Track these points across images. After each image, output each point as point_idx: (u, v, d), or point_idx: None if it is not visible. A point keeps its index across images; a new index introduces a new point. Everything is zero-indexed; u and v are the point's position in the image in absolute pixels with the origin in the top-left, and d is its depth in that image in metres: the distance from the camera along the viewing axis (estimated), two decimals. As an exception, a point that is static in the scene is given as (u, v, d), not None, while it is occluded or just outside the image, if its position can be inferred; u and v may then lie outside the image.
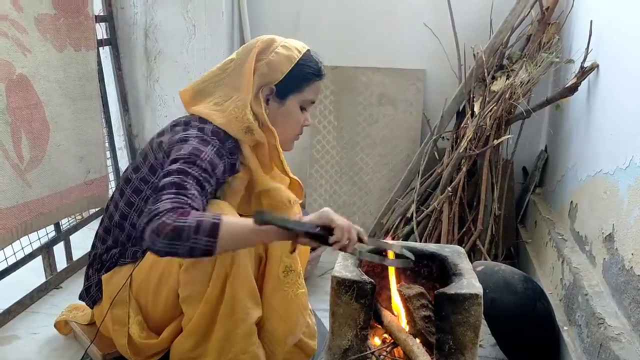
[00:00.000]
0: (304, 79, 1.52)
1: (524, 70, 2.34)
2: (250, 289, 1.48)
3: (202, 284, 1.42)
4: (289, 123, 1.56)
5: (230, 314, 1.45)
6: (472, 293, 1.42)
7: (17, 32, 1.87)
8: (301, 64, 1.51)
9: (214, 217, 1.22)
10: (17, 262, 2.03)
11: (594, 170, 1.87)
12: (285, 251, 1.55)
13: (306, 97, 1.55)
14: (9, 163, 1.84)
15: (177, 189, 1.27)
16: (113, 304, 1.52)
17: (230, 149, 1.48)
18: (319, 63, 1.56)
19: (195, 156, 1.36)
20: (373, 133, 2.89)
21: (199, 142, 1.40)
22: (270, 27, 2.93)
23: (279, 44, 1.51)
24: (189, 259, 1.38)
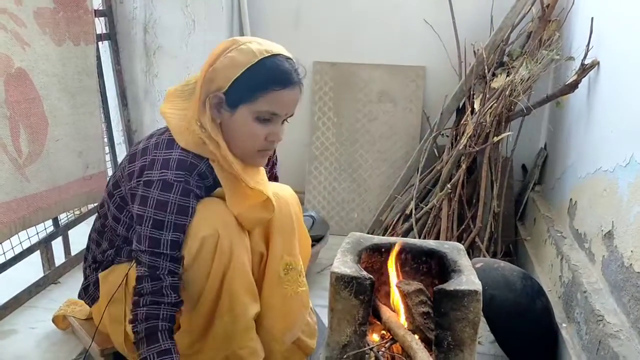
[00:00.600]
0: (256, 87, 1.33)
1: (525, 67, 2.33)
2: (248, 284, 1.47)
3: (200, 281, 1.42)
4: (243, 136, 1.38)
5: (228, 309, 1.44)
6: (471, 289, 1.42)
7: (15, 26, 1.86)
8: (255, 70, 1.32)
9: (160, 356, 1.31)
10: (15, 257, 2.03)
11: (593, 168, 1.87)
12: (287, 249, 1.54)
13: (260, 107, 1.35)
14: (8, 157, 1.83)
15: (152, 282, 1.34)
16: (110, 302, 1.52)
17: (205, 171, 1.41)
18: (285, 72, 1.35)
19: (161, 215, 1.34)
20: (372, 130, 2.88)
21: (161, 189, 1.34)
22: (270, 21, 2.93)
23: (236, 47, 1.33)
24: None
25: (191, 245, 1.38)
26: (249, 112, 1.35)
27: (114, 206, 1.49)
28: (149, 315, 1.33)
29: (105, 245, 1.57)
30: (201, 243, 1.38)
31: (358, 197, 2.91)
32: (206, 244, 1.38)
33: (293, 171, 3.10)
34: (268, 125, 1.38)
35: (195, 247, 1.38)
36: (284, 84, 1.35)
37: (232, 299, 1.44)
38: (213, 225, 1.39)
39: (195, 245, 1.38)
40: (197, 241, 1.38)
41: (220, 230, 1.39)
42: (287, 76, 1.35)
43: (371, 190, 2.90)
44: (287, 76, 1.35)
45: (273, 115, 1.38)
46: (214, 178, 1.44)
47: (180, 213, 1.35)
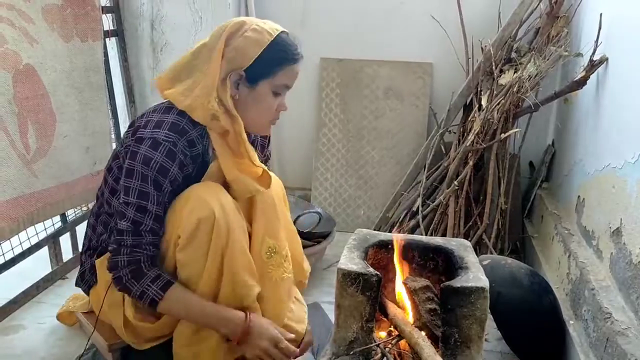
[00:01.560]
0: (276, 63, 1.44)
1: (532, 63, 2.32)
2: (247, 264, 1.47)
3: (199, 262, 1.42)
4: (261, 109, 1.49)
5: (231, 291, 1.44)
6: (478, 286, 1.42)
7: (24, 22, 1.87)
8: (272, 47, 1.43)
9: (157, 294, 1.40)
10: (24, 252, 2.04)
11: (602, 165, 1.86)
12: (269, 232, 1.54)
13: (279, 82, 1.47)
14: (16, 153, 1.84)
15: (133, 236, 1.40)
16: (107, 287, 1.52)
17: (195, 139, 1.45)
18: (293, 46, 1.47)
19: (145, 170, 1.38)
20: (379, 126, 2.88)
21: (149, 146, 1.38)
22: (277, 18, 2.88)
23: (249, 27, 1.43)
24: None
25: (187, 225, 1.39)
26: (268, 87, 1.46)
27: (112, 179, 1.51)
28: (130, 260, 1.41)
29: (100, 229, 1.58)
30: (197, 224, 1.39)
31: (364, 193, 2.91)
32: (202, 225, 1.39)
33: (300, 168, 3.10)
34: (278, 98, 1.50)
35: (191, 228, 1.39)
36: (294, 60, 1.48)
37: (234, 279, 1.44)
38: (209, 207, 1.39)
39: (190, 226, 1.39)
40: (193, 222, 1.39)
41: (216, 211, 1.39)
42: (296, 52, 1.48)
43: (378, 187, 2.89)
44: (296, 52, 1.48)
45: (286, 88, 1.51)
46: (203, 147, 1.48)
47: (161, 172, 1.39)
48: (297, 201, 2.67)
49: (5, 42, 1.79)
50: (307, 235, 2.26)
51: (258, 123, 1.51)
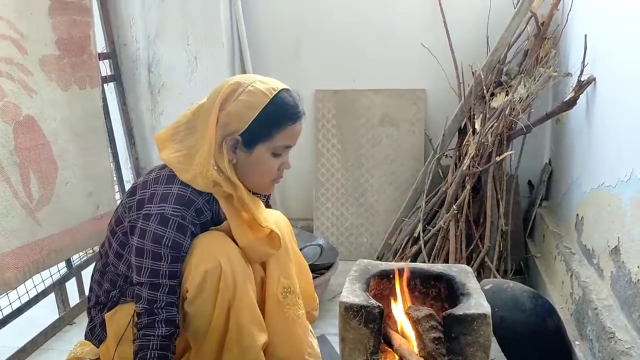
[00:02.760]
0: (272, 125, 1.41)
1: (523, 85, 2.36)
2: (254, 315, 1.48)
3: (206, 315, 1.43)
4: (261, 172, 1.46)
5: (236, 342, 1.45)
6: (480, 313, 1.42)
7: (22, 75, 1.91)
8: (268, 109, 1.38)
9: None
10: (30, 301, 2.06)
11: (597, 183, 1.88)
12: (283, 272, 1.55)
13: (277, 143, 1.42)
14: (19, 203, 1.87)
15: (150, 304, 1.38)
16: (117, 342, 1.53)
17: (202, 207, 1.44)
18: (292, 106, 1.42)
19: (157, 248, 1.37)
20: (377, 154, 2.91)
21: (158, 224, 1.37)
22: (271, 54, 2.98)
23: (244, 89, 1.39)
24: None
25: (194, 278, 1.40)
26: (266, 150, 1.43)
27: (116, 243, 1.51)
28: (141, 346, 1.37)
29: (107, 286, 1.58)
30: (204, 276, 1.40)
31: (366, 221, 2.93)
32: (209, 277, 1.40)
33: (300, 199, 3.12)
34: (280, 158, 1.47)
35: (198, 280, 1.40)
36: (294, 119, 1.43)
37: (239, 331, 1.45)
38: (215, 258, 1.41)
39: (197, 278, 1.40)
40: (200, 274, 1.40)
41: (223, 262, 1.41)
42: (297, 110, 1.44)
43: (379, 214, 2.91)
44: (297, 110, 1.44)
45: (287, 148, 1.47)
46: (211, 214, 1.48)
47: (174, 248, 1.38)
48: (299, 233, 2.68)
49: (4, 95, 1.84)
50: (310, 268, 2.27)
51: (259, 184, 1.50)
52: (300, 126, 1.46)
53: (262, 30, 2.96)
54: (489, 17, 2.65)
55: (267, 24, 2.95)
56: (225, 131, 1.40)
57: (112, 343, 1.56)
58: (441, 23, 2.70)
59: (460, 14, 2.73)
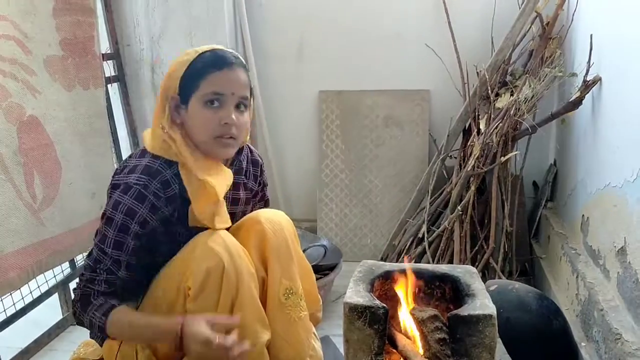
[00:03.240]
0: (198, 75, 1.43)
1: (528, 86, 2.35)
2: (257, 312, 1.47)
3: (209, 312, 1.43)
4: (199, 127, 1.46)
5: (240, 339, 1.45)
6: (485, 314, 1.41)
7: (26, 75, 1.91)
8: (194, 62, 1.43)
9: (100, 320, 1.40)
10: (34, 301, 2.06)
11: (602, 184, 1.87)
12: (285, 273, 1.54)
13: (205, 91, 1.43)
14: (23, 203, 1.87)
15: (91, 273, 1.43)
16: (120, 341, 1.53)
17: (170, 179, 1.45)
18: (219, 56, 1.45)
19: (113, 213, 1.41)
20: (381, 155, 2.90)
21: (121, 190, 1.41)
22: (274, 55, 2.98)
23: (183, 53, 1.48)
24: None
25: (196, 275, 1.40)
26: (197, 101, 1.44)
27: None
28: (82, 294, 1.43)
29: None
30: (206, 274, 1.39)
31: (370, 222, 2.92)
32: (212, 275, 1.40)
33: (304, 200, 3.12)
34: (219, 111, 1.45)
35: (200, 278, 1.39)
36: (220, 66, 1.44)
37: (243, 329, 1.44)
38: (218, 256, 1.40)
39: (200, 276, 1.39)
40: (202, 273, 1.39)
41: (225, 260, 1.40)
42: (223, 59, 1.45)
43: (382, 215, 2.90)
44: (223, 59, 1.45)
45: (218, 96, 1.44)
46: (179, 187, 1.47)
47: (128, 215, 1.39)
48: (303, 234, 2.68)
49: (9, 95, 1.83)
50: (314, 268, 2.26)
51: (206, 143, 1.47)
52: (230, 75, 1.45)
53: (265, 31, 2.96)
54: (494, 17, 2.64)
55: (270, 24, 2.95)
56: (167, 93, 1.46)
57: (114, 342, 1.55)
58: (445, 23, 2.69)
59: (464, 14, 2.72)
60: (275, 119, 3.05)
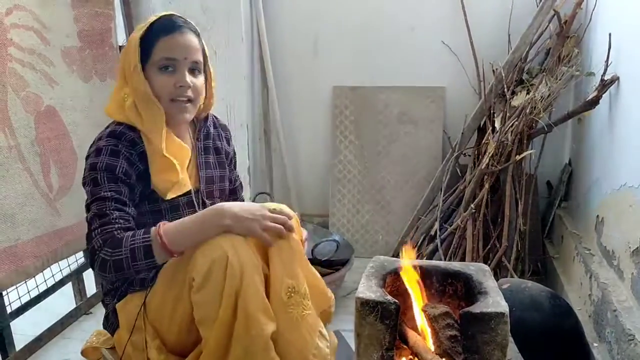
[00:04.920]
0: (150, 43, 1.48)
1: (544, 84, 2.33)
2: (262, 304, 1.46)
3: (214, 303, 1.42)
4: (156, 92, 1.50)
5: (245, 331, 1.44)
6: (498, 312, 1.41)
7: (44, 65, 1.93)
8: (146, 32, 1.49)
9: (144, 239, 1.37)
10: (48, 289, 2.08)
11: (618, 184, 1.85)
12: (287, 272, 1.53)
13: (157, 57, 1.48)
14: (39, 192, 1.89)
15: (100, 218, 1.40)
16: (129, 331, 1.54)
17: (135, 139, 1.50)
18: (170, 20, 1.50)
19: (94, 173, 1.43)
20: (394, 151, 2.90)
21: (94, 156, 1.45)
22: (289, 49, 2.98)
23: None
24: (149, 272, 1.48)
25: (201, 266, 1.40)
26: (151, 67, 1.49)
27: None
28: (104, 238, 1.38)
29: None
30: (210, 265, 1.39)
31: (382, 218, 2.92)
32: (216, 266, 1.39)
33: (316, 195, 3.12)
34: (173, 75, 1.50)
35: (205, 269, 1.39)
36: (168, 31, 1.48)
37: (247, 320, 1.43)
38: (221, 247, 1.40)
39: (204, 266, 1.39)
40: (206, 263, 1.39)
41: (229, 251, 1.40)
42: (172, 23, 1.50)
43: (395, 211, 2.90)
44: (172, 23, 1.50)
45: (171, 61, 1.49)
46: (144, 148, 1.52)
47: (108, 170, 1.43)
48: (315, 229, 2.68)
49: (27, 85, 1.85)
50: (326, 263, 2.27)
51: (165, 107, 1.52)
52: (180, 39, 1.49)
53: (281, 26, 2.96)
54: (511, 14, 2.63)
55: (286, 20, 2.95)
56: (129, 64, 1.50)
57: (124, 332, 1.57)
58: (462, 20, 2.68)
59: (481, 12, 2.71)
60: (290, 114, 3.06)
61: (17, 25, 1.80)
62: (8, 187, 1.77)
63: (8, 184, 1.77)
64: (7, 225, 1.77)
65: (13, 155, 1.79)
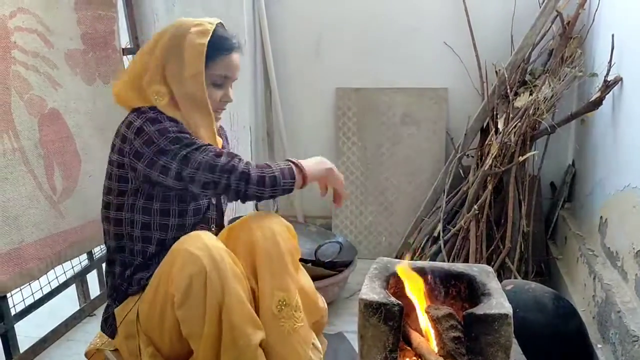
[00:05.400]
0: (211, 55, 1.53)
1: (547, 85, 2.33)
2: (247, 314, 1.43)
3: (198, 319, 1.39)
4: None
5: (232, 343, 1.41)
6: (501, 313, 1.41)
7: (48, 68, 1.94)
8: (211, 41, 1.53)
9: (286, 164, 1.52)
10: (52, 291, 2.08)
11: (622, 185, 1.85)
12: (277, 284, 1.49)
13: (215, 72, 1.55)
14: (43, 195, 1.89)
15: (223, 156, 1.46)
16: (125, 336, 1.54)
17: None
18: (228, 39, 1.56)
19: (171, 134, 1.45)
20: (397, 153, 2.90)
21: (152, 126, 1.46)
22: (292, 51, 2.98)
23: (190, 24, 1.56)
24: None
25: (179, 282, 1.37)
26: (205, 77, 1.52)
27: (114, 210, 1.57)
28: (246, 163, 1.48)
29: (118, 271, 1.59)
30: (189, 281, 1.37)
31: (385, 220, 2.92)
32: (195, 282, 1.37)
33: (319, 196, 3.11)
34: (221, 89, 1.58)
35: (184, 285, 1.37)
36: (231, 48, 1.55)
37: (233, 331, 1.40)
38: (199, 261, 1.37)
39: (183, 283, 1.37)
40: (185, 279, 1.37)
41: (207, 265, 1.37)
42: (231, 41, 1.56)
43: (398, 213, 2.90)
44: (231, 41, 1.56)
45: (226, 79, 1.57)
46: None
47: (181, 130, 1.47)
48: (318, 230, 2.68)
49: (30, 88, 1.86)
50: (329, 265, 2.27)
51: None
52: (236, 58, 1.56)
53: (284, 27, 2.96)
54: (514, 15, 2.62)
55: (288, 21, 2.95)
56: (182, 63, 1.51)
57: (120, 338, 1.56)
58: (465, 21, 2.67)
59: (484, 13, 2.71)
60: (292, 116, 3.06)
61: (21, 28, 1.81)
62: (12, 190, 1.78)
63: (12, 186, 1.77)
64: (11, 227, 1.78)
65: (17, 157, 1.79)
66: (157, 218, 1.53)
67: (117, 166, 1.53)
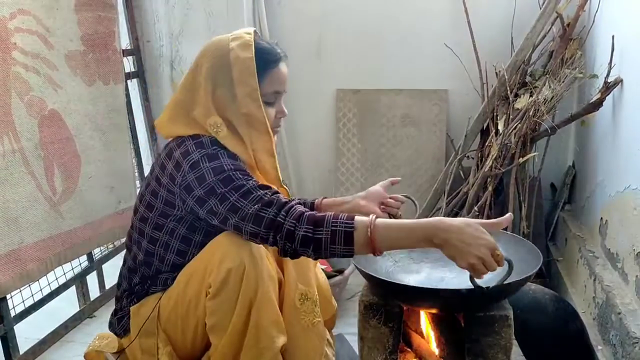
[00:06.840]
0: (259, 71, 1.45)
1: (547, 86, 2.33)
2: (274, 316, 1.45)
3: (227, 312, 1.42)
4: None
5: (255, 342, 1.43)
6: (501, 314, 1.41)
7: (48, 69, 1.94)
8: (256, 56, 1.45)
9: (347, 225, 1.25)
10: (52, 293, 2.08)
11: (622, 186, 1.85)
12: (301, 278, 1.51)
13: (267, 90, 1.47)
14: (43, 196, 1.90)
15: (271, 205, 1.30)
16: (140, 334, 1.53)
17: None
18: (273, 51, 1.48)
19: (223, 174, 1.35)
20: (397, 154, 2.89)
21: (208, 162, 1.38)
22: (293, 52, 2.95)
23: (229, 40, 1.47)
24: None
25: (218, 274, 1.39)
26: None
27: (151, 227, 1.49)
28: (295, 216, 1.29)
29: (137, 280, 1.58)
30: (227, 274, 1.38)
31: (385, 221, 2.91)
32: (232, 275, 1.39)
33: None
34: (274, 105, 1.50)
35: (221, 277, 1.39)
36: (277, 60, 1.47)
37: (258, 331, 1.43)
38: (239, 257, 1.39)
39: (221, 275, 1.39)
40: (223, 272, 1.38)
41: (246, 262, 1.39)
42: (276, 51, 1.48)
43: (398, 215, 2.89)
44: (276, 51, 1.48)
45: (278, 94, 1.50)
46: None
47: (237, 169, 1.37)
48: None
49: (31, 89, 1.86)
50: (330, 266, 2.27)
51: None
52: (283, 69, 1.49)
53: (284, 28, 2.96)
54: (514, 17, 2.62)
55: (289, 22, 2.95)
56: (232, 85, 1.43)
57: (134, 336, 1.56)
58: (465, 22, 2.67)
59: (484, 14, 2.70)
60: (292, 117, 3.04)
61: (21, 29, 1.81)
62: (12, 191, 1.78)
63: (12, 187, 1.78)
64: (11, 228, 1.78)
65: (17, 158, 1.80)
66: (195, 250, 1.49)
67: (167, 190, 1.45)
